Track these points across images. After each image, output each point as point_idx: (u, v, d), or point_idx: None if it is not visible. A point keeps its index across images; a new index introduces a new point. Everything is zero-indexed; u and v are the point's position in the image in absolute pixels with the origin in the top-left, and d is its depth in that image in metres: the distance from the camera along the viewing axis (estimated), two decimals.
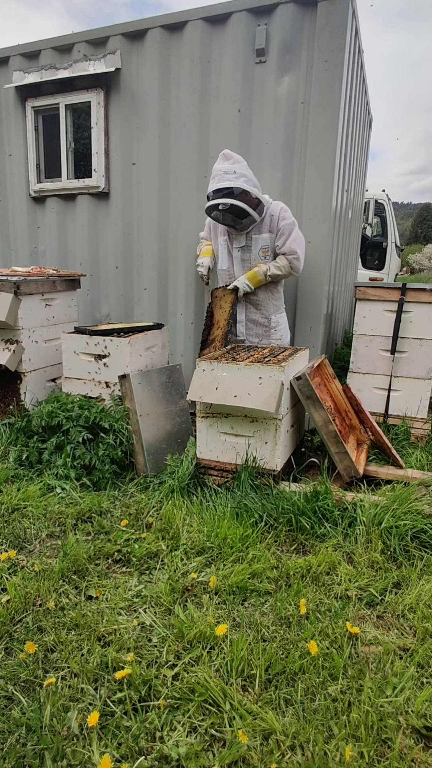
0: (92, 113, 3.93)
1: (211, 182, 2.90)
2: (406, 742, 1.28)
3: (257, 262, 3.04)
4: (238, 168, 2.86)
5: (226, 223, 2.98)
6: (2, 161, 4.54)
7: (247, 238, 3.03)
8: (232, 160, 2.89)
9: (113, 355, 2.92)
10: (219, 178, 2.85)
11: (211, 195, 2.87)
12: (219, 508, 2.31)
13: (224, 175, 2.84)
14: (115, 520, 2.33)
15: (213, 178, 2.89)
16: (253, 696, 1.40)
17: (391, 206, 9.24)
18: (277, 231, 2.99)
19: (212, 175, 2.91)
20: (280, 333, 3.21)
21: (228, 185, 2.81)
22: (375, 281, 6.96)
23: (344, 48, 3.07)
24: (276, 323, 3.17)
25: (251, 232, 3.01)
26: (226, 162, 2.89)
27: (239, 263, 3.10)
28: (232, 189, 2.81)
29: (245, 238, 3.03)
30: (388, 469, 2.72)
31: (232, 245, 3.09)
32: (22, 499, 2.46)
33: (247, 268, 3.08)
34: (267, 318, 3.15)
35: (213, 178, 2.89)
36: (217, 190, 2.84)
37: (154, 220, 3.90)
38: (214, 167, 2.93)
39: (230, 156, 2.90)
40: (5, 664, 1.51)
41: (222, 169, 2.86)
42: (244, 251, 3.07)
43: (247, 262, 3.08)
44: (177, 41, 3.54)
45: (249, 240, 3.03)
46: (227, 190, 2.81)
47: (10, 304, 3.08)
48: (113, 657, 1.50)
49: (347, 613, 1.72)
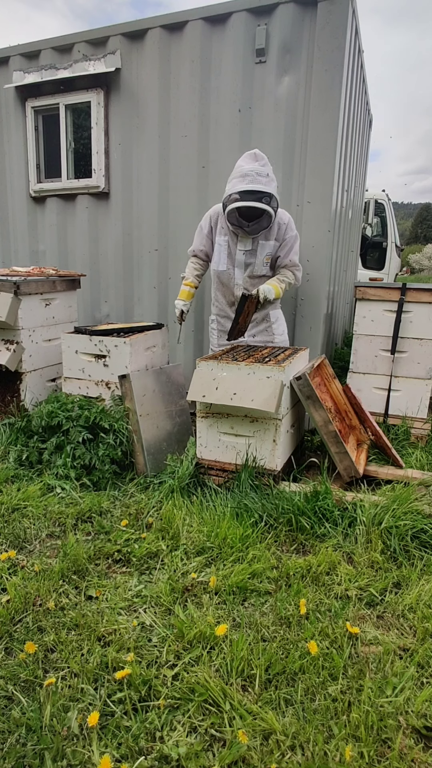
0: (92, 113, 3.93)
1: (239, 180, 2.73)
2: (406, 742, 1.28)
3: (260, 268, 2.96)
4: (270, 171, 2.76)
5: (236, 224, 2.86)
6: (2, 161, 4.54)
7: (254, 242, 2.93)
8: (263, 162, 2.77)
9: (113, 355, 2.92)
10: (251, 179, 2.69)
11: (237, 196, 2.72)
12: (219, 508, 2.31)
13: (257, 177, 2.69)
14: (115, 520, 2.33)
15: (243, 176, 2.72)
16: (253, 696, 1.40)
17: (391, 206, 9.24)
18: (282, 240, 2.93)
19: (240, 174, 2.74)
20: (281, 328, 3.18)
21: (262, 189, 2.68)
22: (375, 281, 6.96)
23: (344, 48, 3.07)
24: (275, 318, 3.15)
25: (259, 237, 2.91)
26: (257, 162, 2.76)
27: (241, 266, 2.99)
28: (264, 193, 2.69)
29: (252, 242, 2.93)
30: (388, 469, 2.72)
31: (236, 247, 2.98)
32: (22, 499, 2.46)
33: (250, 272, 2.99)
34: (266, 314, 3.12)
35: (243, 176, 2.72)
36: (250, 192, 2.69)
37: (154, 220, 3.90)
38: (240, 165, 2.79)
39: (261, 156, 2.78)
40: (5, 664, 1.51)
41: (254, 170, 2.71)
42: (249, 255, 2.96)
43: (251, 266, 2.98)
44: (177, 41, 3.54)
45: (256, 245, 2.93)
46: (260, 194, 2.69)
47: (10, 304, 3.08)
48: (113, 657, 1.50)
49: (347, 613, 1.72)
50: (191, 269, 3.18)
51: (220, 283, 3.11)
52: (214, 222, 3.05)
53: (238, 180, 2.75)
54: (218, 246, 3.03)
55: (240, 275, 3.01)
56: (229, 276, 3.04)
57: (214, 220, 3.05)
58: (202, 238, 3.11)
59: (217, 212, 3.01)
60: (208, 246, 3.11)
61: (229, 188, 2.79)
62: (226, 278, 3.06)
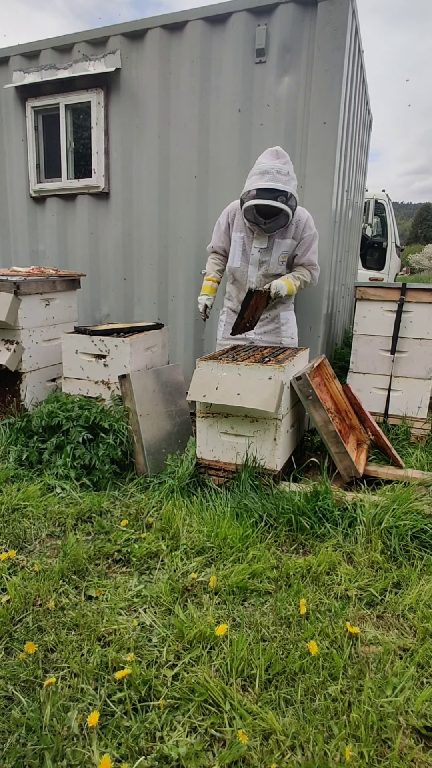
0: (92, 113, 3.93)
1: (259, 177, 2.70)
2: (406, 742, 1.28)
3: (275, 266, 2.93)
4: (291, 170, 2.74)
5: (255, 221, 2.82)
6: (2, 161, 4.54)
7: (270, 240, 2.89)
8: (284, 159, 2.74)
9: (113, 355, 2.92)
10: (271, 177, 2.66)
11: (256, 192, 2.68)
12: (219, 508, 2.31)
13: (277, 175, 2.66)
14: (115, 520, 2.33)
15: (262, 174, 2.69)
16: (253, 696, 1.40)
17: (391, 206, 9.24)
18: (300, 239, 2.90)
19: (260, 171, 2.71)
20: (290, 330, 3.14)
21: (282, 188, 2.66)
22: (375, 281, 6.97)
23: (344, 48, 3.07)
24: (285, 320, 3.11)
25: (275, 235, 2.88)
26: (277, 160, 2.73)
27: (256, 264, 2.96)
28: (282, 192, 2.67)
29: (268, 240, 2.90)
30: (388, 469, 2.72)
31: (251, 244, 2.94)
32: (22, 499, 2.46)
33: (264, 270, 2.96)
34: (276, 315, 3.09)
35: (262, 174, 2.69)
36: (268, 190, 2.66)
37: (154, 220, 3.90)
38: (261, 162, 2.75)
39: (283, 154, 2.75)
40: (5, 664, 1.51)
41: (275, 168, 2.67)
42: (264, 253, 2.93)
43: (266, 264, 2.94)
44: (177, 41, 3.54)
45: (272, 243, 2.90)
46: (278, 192, 2.67)
47: (10, 304, 3.08)
48: (113, 657, 1.50)
49: (347, 613, 1.72)
50: (212, 265, 3.18)
51: (234, 278, 3.10)
52: (231, 218, 3.03)
53: (257, 177, 2.73)
54: (234, 242, 3.01)
55: (254, 273, 2.98)
56: (243, 273, 3.01)
57: (231, 216, 3.03)
58: (220, 235, 3.10)
59: (235, 208, 2.99)
60: (226, 242, 3.09)
61: (248, 184, 2.77)
62: (240, 275, 3.04)
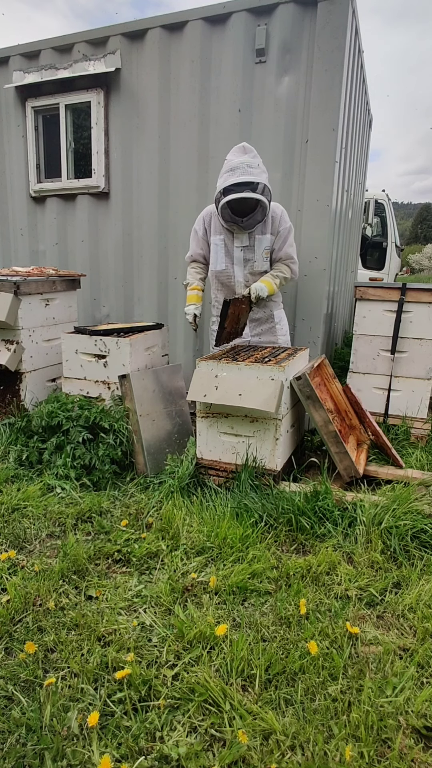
0: (92, 113, 3.93)
1: (230, 174, 2.71)
2: (406, 742, 1.28)
3: (260, 263, 2.94)
4: (260, 162, 2.75)
5: (232, 220, 2.83)
6: (2, 161, 4.54)
7: (251, 237, 2.91)
8: (252, 154, 2.76)
9: (113, 355, 2.92)
10: (242, 171, 2.68)
11: (231, 188, 2.70)
12: (219, 508, 2.31)
13: (248, 169, 2.68)
14: (115, 520, 2.32)
15: (233, 170, 2.71)
16: (253, 696, 1.40)
17: (391, 206, 9.24)
18: (276, 233, 2.91)
19: (230, 168, 2.73)
20: (284, 328, 3.16)
21: (254, 180, 2.67)
22: (375, 281, 6.96)
23: (344, 48, 3.07)
24: (279, 318, 3.13)
25: (255, 231, 2.89)
26: (247, 155, 2.75)
27: (240, 263, 2.96)
28: (256, 184, 2.68)
29: (248, 238, 2.91)
30: (388, 469, 2.72)
31: (233, 244, 2.94)
32: (22, 499, 2.46)
33: (249, 268, 2.96)
34: (270, 315, 3.10)
35: (233, 170, 2.71)
36: (242, 183, 2.67)
37: (154, 220, 3.90)
38: (230, 159, 2.78)
39: (250, 149, 2.77)
40: (5, 664, 1.51)
41: (244, 162, 2.70)
42: (247, 251, 2.93)
43: (250, 262, 2.95)
44: (177, 41, 3.54)
45: (253, 240, 2.91)
46: (253, 184, 2.68)
47: (10, 304, 3.08)
48: (113, 657, 1.50)
49: (347, 613, 1.72)
50: (193, 274, 3.15)
51: (219, 283, 3.08)
52: (207, 223, 3.02)
53: (228, 174, 2.74)
54: (215, 246, 2.99)
55: (240, 272, 2.98)
56: (229, 275, 3.00)
57: (207, 221, 3.02)
58: (198, 242, 3.08)
59: (210, 213, 2.98)
60: (206, 249, 3.08)
61: (219, 183, 2.77)
62: (226, 278, 3.02)
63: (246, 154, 2.76)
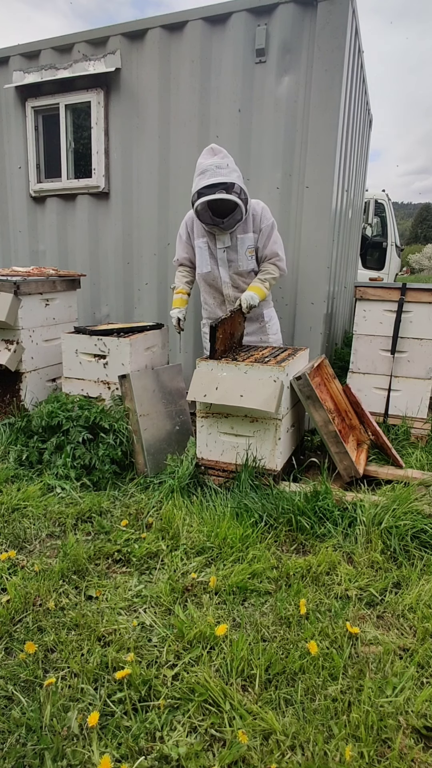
0: (92, 113, 3.93)
1: (200, 177, 2.73)
2: (406, 742, 1.28)
3: (244, 263, 2.93)
4: (230, 162, 2.75)
5: (211, 222, 2.83)
6: (2, 161, 4.54)
7: (233, 237, 2.89)
8: (221, 155, 2.77)
9: (113, 355, 2.92)
10: (211, 173, 2.69)
11: (203, 191, 2.70)
12: (219, 508, 2.31)
13: (217, 170, 2.70)
14: (115, 520, 2.33)
15: (203, 173, 2.72)
16: (253, 696, 1.40)
17: (391, 206, 9.24)
18: (259, 231, 2.90)
19: (200, 171, 2.74)
20: (274, 327, 3.18)
21: (223, 180, 2.68)
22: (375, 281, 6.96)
23: (344, 48, 3.07)
24: (269, 317, 3.15)
25: (236, 231, 2.88)
26: (215, 156, 2.76)
27: (224, 264, 2.95)
28: (227, 184, 2.68)
29: (230, 238, 2.90)
30: (388, 469, 2.72)
31: (216, 246, 2.94)
32: (22, 499, 2.46)
33: (234, 269, 2.95)
34: (260, 314, 3.11)
35: (203, 173, 2.72)
36: (212, 185, 2.67)
37: (154, 220, 3.90)
38: (200, 162, 2.78)
39: (219, 150, 2.78)
40: (5, 664, 1.51)
41: (213, 163, 2.70)
42: (229, 252, 2.92)
43: (234, 263, 2.94)
44: (177, 41, 3.54)
45: (234, 240, 2.90)
46: (223, 185, 2.68)
47: (10, 304, 3.08)
48: (113, 657, 1.50)
49: (347, 613, 1.72)
50: (180, 278, 3.19)
51: (207, 285, 3.09)
52: (190, 227, 3.04)
53: (198, 178, 2.75)
54: (198, 249, 3.00)
55: (225, 273, 2.98)
56: (215, 276, 3.01)
57: (189, 225, 3.04)
58: (183, 246, 3.11)
59: (191, 217, 2.99)
60: (191, 252, 3.10)
61: (192, 188, 2.78)
62: (212, 279, 3.03)
63: (215, 155, 2.77)
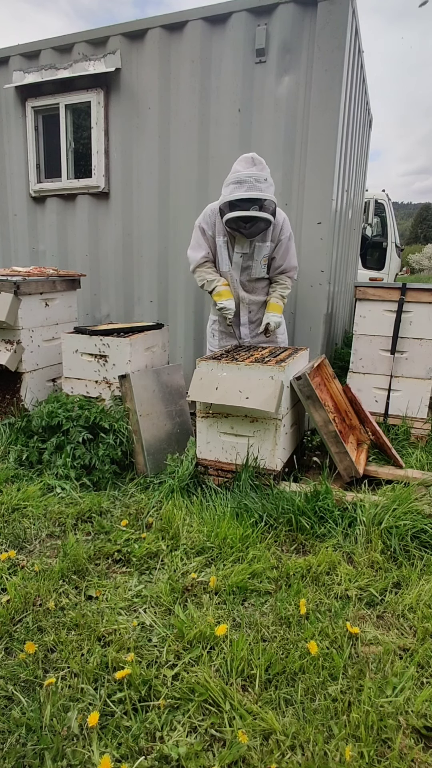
0: (92, 113, 3.93)
1: (236, 187, 2.68)
2: (406, 742, 1.28)
3: (258, 270, 2.96)
4: (268, 176, 2.71)
5: (235, 227, 2.80)
6: (2, 161, 4.54)
7: (251, 245, 2.90)
8: (261, 166, 2.71)
9: (113, 355, 2.92)
10: (250, 186, 2.64)
11: (237, 203, 2.67)
12: (219, 508, 2.31)
13: (256, 184, 2.64)
14: (115, 520, 2.32)
15: (239, 183, 2.67)
16: (253, 696, 1.40)
17: (391, 206, 9.24)
18: (277, 242, 2.91)
19: (236, 180, 2.69)
20: (282, 327, 3.18)
21: (261, 196, 2.64)
22: (375, 281, 6.96)
23: (344, 48, 3.07)
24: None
25: (256, 239, 2.88)
26: (254, 167, 2.69)
27: (238, 269, 2.97)
28: (263, 202, 2.65)
29: (249, 245, 2.90)
30: (388, 469, 2.72)
31: (233, 249, 2.94)
32: (22, 499, 2.46)
33: (247, 275, 2.98)
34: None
35: (239, 183, 2.67)
36: (250, 199, 2.64)
37: (154, 220, 3.90)
38: (237, 170, 2.73)
39: (259, 161, 2.72)
40: (5, 664, 1.51)
41: (253, 176, 2.65)
42: (246, 258, 2.93)
43: (248, 270, 2.96)
44: (177, 41, 3.54)
45: (253, 247, 2.91)
46: (260, 201, 2.65)
47: (10, 304, 3.08)
48: (113, 657, 1.50)
49: (347, 613, 1.72)
50: (211, 273, 3.01)
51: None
52: (212, 222, 2.98)
53: (235, 186, 2.70)
54: (219, 247, 2.99)
55: (237, 276, 3.01)
56: (232, 278, 3.02)
57: (211, 221, 2.97)
58: (207, 240, 3.00)
59: (214, 212, 2.93)
60: (213, 247, 3.03)
61: (226, 193, 2.74)
62: (228, 279, 3.04)
63: (254, 166, 2.71)
